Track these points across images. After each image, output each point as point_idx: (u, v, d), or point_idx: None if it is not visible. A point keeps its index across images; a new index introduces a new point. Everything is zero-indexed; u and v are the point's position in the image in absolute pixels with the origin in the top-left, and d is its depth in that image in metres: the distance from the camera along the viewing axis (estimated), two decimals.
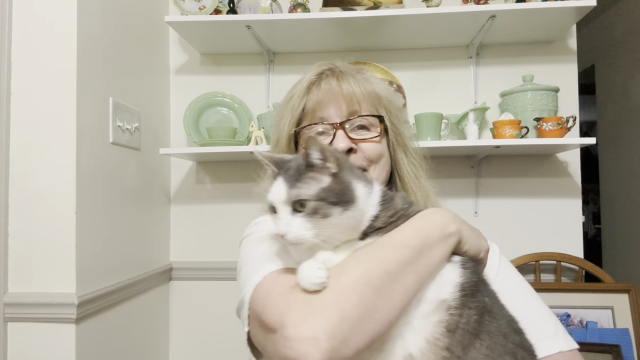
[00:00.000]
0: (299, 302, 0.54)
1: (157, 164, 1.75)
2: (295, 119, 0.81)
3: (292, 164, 0.59)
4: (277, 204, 0.57)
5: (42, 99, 1.23)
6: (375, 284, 0.54)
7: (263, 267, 0.63)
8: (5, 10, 1.21)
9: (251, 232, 0.77)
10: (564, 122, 1.55)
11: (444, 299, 0.56)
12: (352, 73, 0.82)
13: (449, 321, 0.54)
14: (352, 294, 0.53)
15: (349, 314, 0.52)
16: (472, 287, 0.58)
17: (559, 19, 1.60)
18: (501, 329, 0.56)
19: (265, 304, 0.57)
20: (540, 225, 1.77)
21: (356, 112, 0.79)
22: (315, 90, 0.80)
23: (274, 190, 0.58)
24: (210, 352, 1.82)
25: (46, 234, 1.21)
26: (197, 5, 1.66)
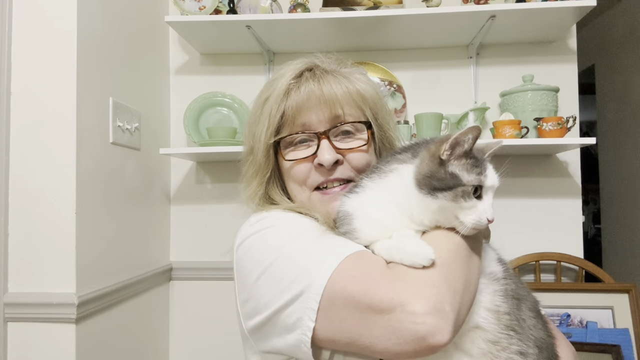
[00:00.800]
0: (412, 277, 0.53)
1: (157, 164, 1.75)
2: (273, 127, 0.73)
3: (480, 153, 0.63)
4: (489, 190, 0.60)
5: (42, 99, 1.23)
6: (464, 258, 0.58)
7: (328, 255, 0.58)
8: (5, 10, 1.21)
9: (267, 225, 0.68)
10: (564, 122, 1.55)
11: (493, 272, 0.63)
12: (333, 72, 0.75)
13: (502, 290, 0.60)
14: (454, 267, 0.55)
15: (458, 286, 0.53)
16: (503, 262, 0.66)
17: (559, 19, 1.60)
18: (528, 293, 0.64)
19: (368, 285, 0.53)
20: (540, 225, 1.77)
21: (340, 117, 0.73)
22: (294, 95, 0.72)
23: (492, 175, 0.60)
24: (210, 352, 1.82)
25: (46, 234, 1.21)
26: (197, 5, 1.66)
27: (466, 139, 0.58)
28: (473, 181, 0.57)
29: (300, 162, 0.74)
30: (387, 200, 0.63)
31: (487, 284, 0.61)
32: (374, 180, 0.66)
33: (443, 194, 0.57)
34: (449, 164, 0.59)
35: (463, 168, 0.58)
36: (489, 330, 0.57)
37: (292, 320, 0.57)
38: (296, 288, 0.57)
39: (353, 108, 0.74)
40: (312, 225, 0.68)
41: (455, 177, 0.57)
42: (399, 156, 0.66)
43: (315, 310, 0.55)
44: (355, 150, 0.74)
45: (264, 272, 0.62)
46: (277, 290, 0.59)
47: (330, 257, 0.57)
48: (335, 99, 0.72)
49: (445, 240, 0.59)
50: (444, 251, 0.56)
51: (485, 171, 0.59)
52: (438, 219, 0.60)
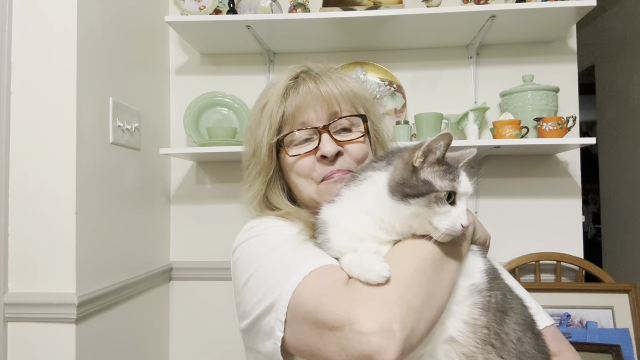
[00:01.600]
0: (365, 295, 0.54)
1: (157, 164, 1.75)
2: (275, 127, 0.77)
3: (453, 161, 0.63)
4: (462, 196, 0.60)
5: (42, 99, 1.23)
6: (428, 273, 0.57)
7: (297, 268, 0.60)
8: (5, 10, 1.21)
9: (255, 234, 0.73)
10: (564, 122, 1.55)
11: (475, 283, 0.62)
12: (327, 74, 0.80)
13: (482, 302, 0.59)
14: (412, 284, 0.55)
15: (414, 303, 0.53)
16: (493, 271, 0.65)
17: (559, 19, 1.60)
18: (519, 305, 0.63)
19: (322, 302, 0.55)
20: (540, 225, 1.77)
21: (337, 113, 0.77)
22: (293, 95, 0.77)
23: (465, 181, 0.61)
24: (210, 352, 1.82)
25: (46, 234, 1.21)
26: (197, 5, 1.66)
27: (438, 146, 0.59)
28: (446, 187, 0.58)
29: (304, 156, 0.77)
30: (360, 208, 0.63)
31: (467, 295, 0.61)
32: (350, 188, 0.68)
33: (415, 200, 0.58)
34: (422, 171, 0.60)
35: (436, 175, 0.59)
36: (464, 344, 0.57)
37: (268, 329, 0.61)
38: (270, 298, 0.60)
39: (348, 105, 0.78)
40: (294, 235, 0.70)
41: (428, 183, 0.58)
42: (374, 164, 0.68)
43: (283, 321, 0.58)
44: (354, 141, 0.78)
45: (249, 280, 0.66)
46: (257, 299, 0.63)
47: (299, 270, 0.59)
48: (332, 96, 0.76)
49: (409, 255, 0.58)
50: (405, 267, 0.56)
51: (459, 178, 0.60)
52: (411, 225, 0.60)
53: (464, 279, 0.62)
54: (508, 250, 1.75)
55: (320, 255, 0.63)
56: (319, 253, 0.64)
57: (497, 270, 0.66)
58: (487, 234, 0.75)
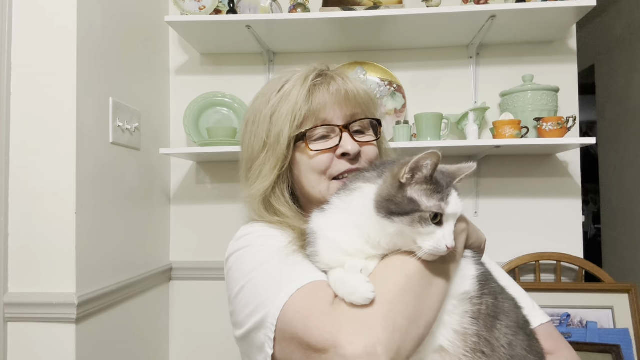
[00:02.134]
0: (349, 317, 0.53)
1: (157, 164, 1.75)
2: (298, 121, 0.77)
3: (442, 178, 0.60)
4: (450, 217, 0.58)
5: (42, 99, 1.23)
6: (415, 290, 0.56)
7: (285, 284, 0.60)
8: (5, 9, 1.21)
9: (245, 244, 0.73)
10: (564, 122, 1.55)
11: (466, 291, 0.61)
12: (346, 75, 0.82)
13: (473, 310, 0.59)
14: (398, 303, 0.55)
15: (399, 324, 0.53)
16: (484, 276, 0.64)
17: (559, 19, 1.60)
18: (511, 307, 0.63)
19: (307, 324, 0.55)
20: (540, 225, 1.77)
21: (357, 114, 0.79)
22: (321, 92, 0.77)
23: (454, 202, 0.59)
24: (210, 352, 1.82)
25: (46, 234, 1.21)
26: (197, 5, 1.66)
27: (425, 165, 0.58)
28: (432, 208, 0.57)
29: (324, 152, 0.78)
30: (348, 220, 0.63)
31: (457, 305, 0.60)
32: (340, 197, 0.67)
33: (400, 219, 0.57)
34: (409, 189, 0.58)
35: (423, 193, 0.58)
36: (454, 353, 0.57)
37: (259, 344, 0.62)
38: (259, 314, 0.61)
39: (365, 108, 0.81)
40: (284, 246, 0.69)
41: (414, 202, 0.57)
42: (366, 174, 0.67)
43: (272, 339, 0.59)
44: (370, 144, 0.80)
45: (240, 292, 0.67)
46: (248, 312, 0.64)
47: (287, 286, 0.60)
48: (357, 97, 0.78)
49: (396, 272, 0.58)
50: (391, 285, 0.56)
51: (447, 198, 0.58)
52: (396, 243, 0.59)
53: (455, 287, 0.61)
54: (508, 250, 1.75)
55: (309, 271, 0.63)
56: (308, 267, 0.64)
57: (489, 274, 0.65)
58: (482, 237, 0.74)
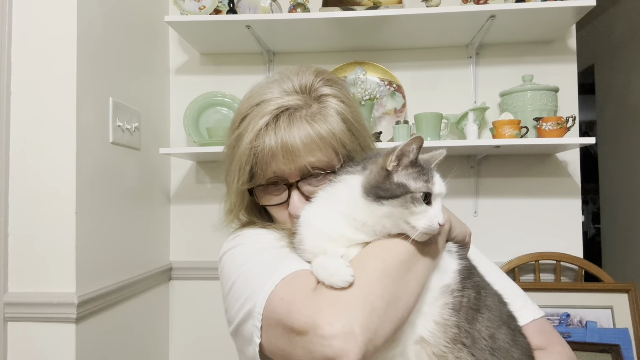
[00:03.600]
0: (329, 300, 0.55)
1: (157, 164, 1.75)
2: (245, 177, 0.74)
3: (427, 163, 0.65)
4: (437, 197, 0.61)
5: (43, 99, 1.23)
6: (394, 275, 0.58)
7: (270, 276, 0.62)
8: (5, 10, 1.21)
9: (237, 244, 0.74)
10: (563, 122, 1.55)
11: (447, 284, 0.63)
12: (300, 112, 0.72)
13: (454, 302, 0.61)
14: (376, 286, 0.56)
15: (377, 305, 0.55)
16: (468, 270, 0.66)
17: (559, 19, 1.60)
18: (495, 302, 0.64)
19: (290, 309, 0.57)
20: (540, 225, 1.77)
21: (307, 166, 0.71)
22: (260, 149, 0.71)
23: (439, 182, 0.62)
24: (210, 352, 1.82)
25: (46, 234, 1.22)
26: (197, 5, 1.66)
27: (411, 149, 0.61)
28: (421, 188, 0.60)
29: (280, 209, 0.76)
30: (333, 210, 0.65)
31: (438, 297, 0.62)
32: (325, 190, 0.70)
33: (389, 202, 0.60)
34: (396, 175, 0.62)
35: (410, 177, 0.61)
36: (434, 344, 0.59)
37: (248, 335, 0.64)
38: (248, 306, 0.63)
39: (322, 153, 0.72)
40: (273, 242, 0.72)
41: (403, 186, 0.60)
42: (349, 168, 0.69)
43: (259, 328, 0.61)
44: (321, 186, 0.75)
45: (231, 288, 0.68)
46: (238, 306, 0.66)
47: (272, 277, 0.61)
48: (298, 153, 0.70)
49: (375, 258, 0.60)
50: (370, 270, 0.58)
51: (433, 179, 0.62)
52: (384, 225, 0.62)
53: (436, 280, 0.63)
54: (508, 250, 1.75)
55: (294, 261, 0.65)
56: (293, 259, 0.66)
57: (473, 269, 0.67)
58: (467, 230, 0.75)
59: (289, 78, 0.77)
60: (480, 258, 0.80)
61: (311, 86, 0.76)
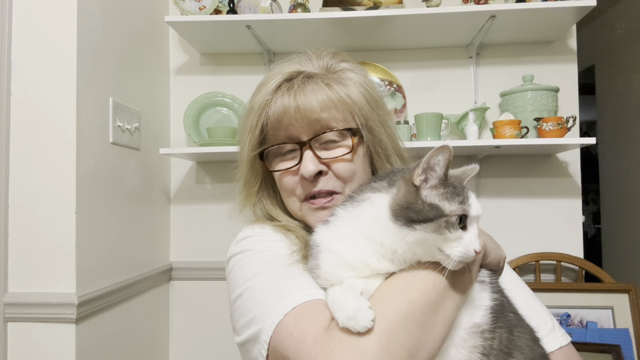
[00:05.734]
0: (343, 347, 0.49)
1: (157, 164, 1.75)
2: (255, 140, 0.72)
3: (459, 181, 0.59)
4: (474, 220, 0.55)
5: (42, 99, 1.23)
6: (419, 319, 0.52)
7: (281, 300, 0.57)
8: (5, 10, 1.21)
9: (246, 248, 0.70)
10: (564, 122, 1.55)
11: (477, 323, 0.56)
12: (318, 76, 0.71)
13: (484, 345, 0.54)
14: (398, 334, 0.50)
15: (397, 356, 0.49)
16: (501, 306, 0.58)
17: (559, 19, 1.60)
18: (528, 342, 0.57)
19: (298, 350, 0.52)
20: (540, 225, 1.77)
21: (321, 126, 0.69)
22: (272, 109, 0.70)
23: (475, 204, 0.56)
24: (210, 352, 1.82)
25: (46, 234, 1.21)
26: (197, 5, 1.66)
27: (437, 162, 0.55)
28: (456, 211, 0.53)
29: (286, 173, 0.72)
30: (357, 232, 0.59)
31: (466, 338, 0.55)
32: (346, 209, 0.62)
33: (422, 226, 0.53)
34: (426, 193, 0.55)
35: (443, 197, 0.55)
36: None
37: (254, 356, 0.60)
38: (254, 328, 0.59)
39: (338, 113, 0.70)
40: (285, 255, 0.67)
41: (436, 207, 0.54)
42: (373, 184, 0.62)
43: (265, 356, 0.57)
44: (339, 159, 0.70)
45: (237, 299, 0.65)
46: (243, 323, 0.62)
47: (282, 303, 0.57)
48: (313, 110, 0.68)
49: (399, 297, 0.53)
50: (393, 313, 0.52)
51: (468, 200, 0.55)
52: (415, 252, 0.55)
53: (466, 318, 0.57)
54: (508, 250, 1.73)
55: (307, 287, 0.59)
56: (307, 283, 0.60)
57: (506, 303, 0.60)
58: (502, 254, 0.67)
59: (306, 55, 0.77)
60: (509, 276, 0.76)
61: (329, 63, 0.75)
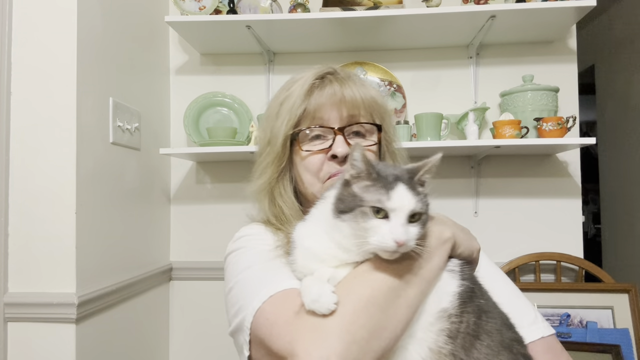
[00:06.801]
0: (308, 327, 0.54)
1: (157, 164, 1.75)
2: (293, 120, 0.79)
3: (400, 173, 0.59)
4: (396, 211, 0.55)
5: (42, 99, 1.23)
6: (381, 303, 0.55)
7: (260, 290, 0.63)
8: (5, 10, 1.21)
9: (240, 246, 0.76)
10: (564, 122, 1.56)
11: (444, 308, 0.58)
12: (352, 78, 0.82)
13: (450, 328, 0.56)
14: (360, 315, 0.54)
15: (359, 336, 0.53)
16: (469, 292, 0.60)
17: (559, 19, 1.60)
18: (497, 327, 0.59)
19: (272, 332, 0.58)
20: (540, 225, 1.77)
21: (356, 118, 0.79)
22: (317, 93, 0.79)
23: (397, 197, 0.56)
24: (210, 352, 1.82)
25: (46, 234, 1.22)
26: (197, 5, 1.66)
27: (355, 157, 0.58)
28: (371, 201, 0.56)
29: (315, 153, 0.79)
30: (320, 228, 0.63)
31: (434, 322, 0.58)
32: (317, 206, 0.68)
33: (347, 216, 0.57)
34: (354, 186, 0.59)
35: (364, 189, 0.57)
36: None
37: (240, 345, 0.67)
38: (239, 317, 0.65)
39: (367, 112, 0.80)
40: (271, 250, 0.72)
41: (356, 197, 0.57)
42: (336, 183, 0.67)
43: (248, 342, 0.63)
44: (366, 148, 0.77)
45: (229, 292, 0.71)
46: (232, 313, 0.68)
47: (261, 293, 0.63)
48: (355, 102, 0.78)
49: (362, 283, 0.57)
50: (356, 297, 0.55)
51: (390, 192, 0.56)
52: (355, 243, 0.58)
53: (433, 303, 0.59)
54: (508, 250, 1.75)
55: (284, 278, 0.64)
56: (284, 274, 0.65)
57: (476, 290, 0.61)
58: (475, 245, 0.69)
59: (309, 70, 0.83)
60: (490, 270, 0.78)
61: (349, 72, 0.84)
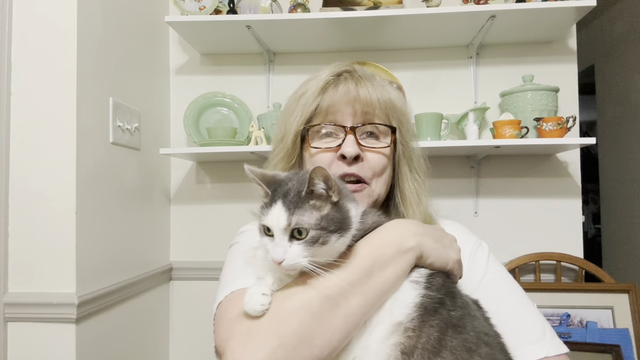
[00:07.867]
0: (240, 328, 0.56)
1: (157, 164, 1.75)
2: (305, 116, 0.78)
3: (291, 188, 0.56)
4: (274, 229, 0.55)
5: (42, 99, 1.23)
6: (315, 310, 0.55)
7: (227, 286, 0.66)
8: (5, 10, 1.21)
9: (236, 241, 0.79)
10: (564, 122, 1.55)
11: (399, 322, 0.55)
12: (369, 78, 0.79)
13: (404, 343, 0.53)
14: (291, 321, 0.54)
15: (286, 341, 0.53)
16: (435, 303, 0.57)
17: (559, 19, 1.60)
18: (466, 343, 0.54)
19: (217, 328, 0.62)
20: (540, 225, 1.77)
21: (370, 119, 0.77)
22: (332, 91, 0.77)
23: (272, 215, 0.55)
24: (210, 352, 1.82)
25: (46, 234, 1.22)
26: (197, 5, 1.66)
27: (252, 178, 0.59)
28: (261, 220, 0.57)
29: (324, 151, 0.77)
30: None
31: (388, 335, 0.55)
32: None
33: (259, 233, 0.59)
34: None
35: (262, 206, 0.58)
36: None
37: None
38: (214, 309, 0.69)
39: (383, 113, 0.78)
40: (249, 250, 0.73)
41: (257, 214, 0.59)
42: None
43: (214, 331, 0.65)
44: (376, 150, 0.77)
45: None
46: None
47: (225, 289, 0.66)
48: (369, 101, 0.76)
49: (301, 291, 0.56)
50: (290, 302, 0.55)
51: (269, 209, 0.56)
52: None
53: (389, 315, 0.57)
54: (508, 250, 1.75)
55: (246, 277, 0.65)
56: (248, 274, 0.66)
57: (443, 302, 0.57)
58: (450, 256, 0.64)
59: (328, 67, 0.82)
60: (499, 278, 0.75)
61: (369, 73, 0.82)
